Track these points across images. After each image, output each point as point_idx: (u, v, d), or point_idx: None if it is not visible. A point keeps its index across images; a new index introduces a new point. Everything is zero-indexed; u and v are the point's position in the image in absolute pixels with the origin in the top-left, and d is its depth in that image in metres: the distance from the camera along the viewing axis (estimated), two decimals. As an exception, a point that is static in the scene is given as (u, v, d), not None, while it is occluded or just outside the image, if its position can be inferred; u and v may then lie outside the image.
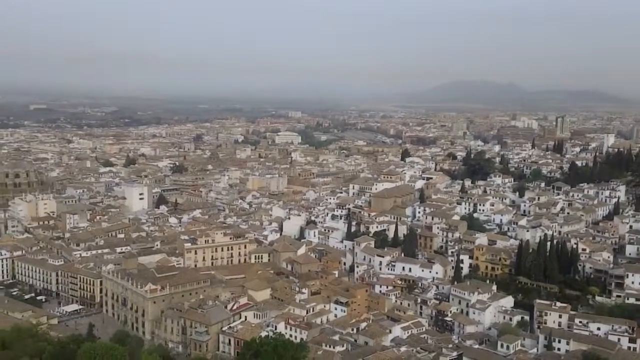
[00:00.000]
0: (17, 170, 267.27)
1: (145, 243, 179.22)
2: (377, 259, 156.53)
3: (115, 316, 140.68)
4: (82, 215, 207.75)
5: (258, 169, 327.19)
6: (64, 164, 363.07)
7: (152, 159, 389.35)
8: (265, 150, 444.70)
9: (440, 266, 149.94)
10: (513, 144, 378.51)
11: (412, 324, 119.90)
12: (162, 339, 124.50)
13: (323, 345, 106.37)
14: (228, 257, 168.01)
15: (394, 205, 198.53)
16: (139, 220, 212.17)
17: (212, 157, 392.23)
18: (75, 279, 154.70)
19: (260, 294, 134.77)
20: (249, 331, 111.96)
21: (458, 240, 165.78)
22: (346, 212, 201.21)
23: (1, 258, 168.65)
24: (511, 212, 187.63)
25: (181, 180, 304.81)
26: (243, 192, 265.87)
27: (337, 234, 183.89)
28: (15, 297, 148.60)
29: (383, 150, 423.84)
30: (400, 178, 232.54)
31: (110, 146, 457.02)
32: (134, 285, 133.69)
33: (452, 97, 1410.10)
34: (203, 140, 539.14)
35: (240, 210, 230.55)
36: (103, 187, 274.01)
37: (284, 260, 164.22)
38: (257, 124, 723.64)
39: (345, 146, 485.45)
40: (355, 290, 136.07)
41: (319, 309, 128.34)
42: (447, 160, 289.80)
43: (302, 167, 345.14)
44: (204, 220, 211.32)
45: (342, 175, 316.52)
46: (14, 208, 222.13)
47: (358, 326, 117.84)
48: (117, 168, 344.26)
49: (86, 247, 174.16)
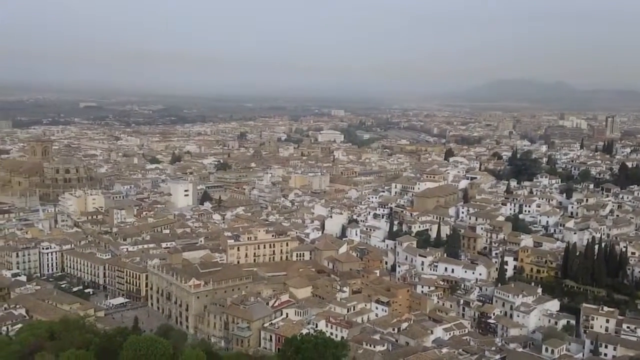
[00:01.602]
0: (68, 166, 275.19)
1: (189, 239, 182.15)
2: (419, 259, 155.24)
3: (160, 310, 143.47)
4: (129, 210, 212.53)
5: (301, 167, 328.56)
6: (112, 160, 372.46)
7: (197, 157, 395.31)
8: (308, 148, 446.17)
9: (484, 267, 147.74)
10: (561, 144, 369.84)
11: (454, 325, 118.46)
12: (205, 333, 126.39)
13: (363, 344, 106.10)
14: (270, 255, 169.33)
15: (436, 205, 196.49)
16: (184, 216, 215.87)
17: (256, 155, 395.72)
18: (121, 272, 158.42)
19: (301, 292, 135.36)
20: (290, 328, 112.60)
21: (502, 242, 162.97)
22: (388, 211, 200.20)
23: (51, 251, 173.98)
24: (558, 214, 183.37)
25: (225, 177, 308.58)
26: (285, 190, 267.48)
27: (378, 233, 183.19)
28: (64, 289, 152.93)
29: (426, 150, 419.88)
30: (443, 177, 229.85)
31: (157, 143, 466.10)
32: (178, 280, 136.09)
33: (498, 96, 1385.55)
34: (247, 138, 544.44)
35: (283, 208, 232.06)
36: (149, 184, 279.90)
37: (326, 259, 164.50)
38: (300, 122, 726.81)
39: (388, 145, 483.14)
40: (396, 290, 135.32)
41: (360, 308, 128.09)
42: (492, 160, 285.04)
43: (344, 165, 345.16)
44: (246, 217, 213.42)
45: (385, 174, 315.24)
46: (64, 203, 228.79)
47: (399, 326, 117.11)
48: (163, 165, 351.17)
49: (133, 242, 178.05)
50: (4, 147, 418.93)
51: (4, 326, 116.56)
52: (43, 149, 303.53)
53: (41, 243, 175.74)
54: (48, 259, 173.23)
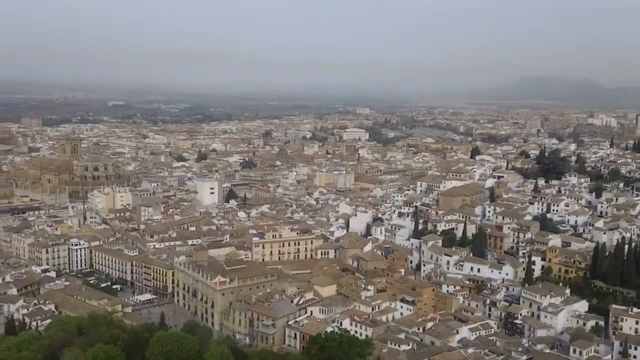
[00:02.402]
0: (96, 164, 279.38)
1: (215, 236, 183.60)
2: (444, 258, 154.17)
3: (186, 306, 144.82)
4: (156, 208, 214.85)
5: (325, 166, 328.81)
6: (140, 158, 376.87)
7: (223, 155, 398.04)
8: (332, 146, 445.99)
9: (511, 267, 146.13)
10: (590, 142, 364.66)
11: (480, 325, 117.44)
12: (230, 330, 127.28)
13: (388, 343, 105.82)
14: (295, 252, 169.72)
15: (462, 203, 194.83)
16: (210, 213, 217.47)
17: (281, 153, 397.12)
18: (148, 269, 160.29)
19: (326, 290, 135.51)
20: (314, 326, 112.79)
21: (530, 241, 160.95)
22: (413, 209, 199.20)
23: (80, 248, 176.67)
24: (587, 213, 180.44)
25: (250, 175, 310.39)
26: (310, 188, 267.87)
27: (403, 232, 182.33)
28: (92, 285, 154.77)
29: (452, 148, 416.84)
30: (469, 176, 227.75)
31: (184, 141, 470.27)
32: (204, 277, 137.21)
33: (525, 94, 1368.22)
34: (272, 136, 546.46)
35: (307, 206, 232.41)
36: (176, 181, 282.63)
37: (350, 257, 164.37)
38: (325, 120, 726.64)
39: (413, 143, 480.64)
40: (421, 289, 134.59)
41: (385, 307, 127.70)
42: (519, 158, 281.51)
43: (369, 164, 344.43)
44: (271, 215, 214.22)
45: (410, 172, 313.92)
46: (93, 200, 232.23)
47: (424, 325, 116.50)
48: (189, 163, 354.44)
49: (159, 239, 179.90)
50: (34, 145, 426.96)
51: (33, 321, 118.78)
52: (72, 147, 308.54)
53: (70, 239, 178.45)
54: (77, 255, 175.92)
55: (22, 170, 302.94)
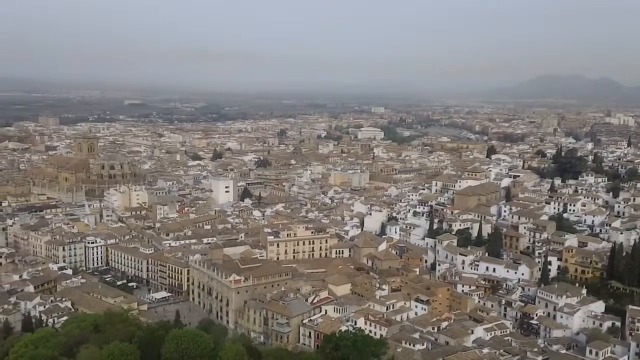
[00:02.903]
0: (112, 162, 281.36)
1: (230, 235, 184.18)
2: (459, 257, 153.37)
3: (201, 304, 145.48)
4: (172, 206, 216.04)
5: (340, 164, 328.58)
6: (156, 157, 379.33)
7: (238, 153, 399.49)
8: (347, 145, 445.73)
9: (527, 267, 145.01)
10: (607, 141, 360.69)
11: (495, 325, 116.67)
12: (245, 328, 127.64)
13: (403, 342, 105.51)
14: (309, 251, 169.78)
15: (478, 203, 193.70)
16: (225, 212, 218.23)
17: (295, 152, 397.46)
18: (164, 267, 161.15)
19: (340, 289, 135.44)
20: (329, 325, 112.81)
21: (546, 241, 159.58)
22: (428, 209, 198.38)
23: (96, 245, 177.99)
24: (604, 213, 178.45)
25: (265, 174, 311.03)
26: (325, 187, 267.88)
27: (418, 231, 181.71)
28: (108, 282, 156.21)
29: (468, 147, 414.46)
30: (485, 175, 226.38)
31: (199, 140, 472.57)
32: (219, 275, 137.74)
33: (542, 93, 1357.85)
34: (287, 135, 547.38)
35: (322, 205, 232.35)
36: (191, 180, 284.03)
37: (365, 256, 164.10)
38: (340, 119, 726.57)
39: (428, 142, 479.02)
40: (436, 289, 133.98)
41: (399, 306, 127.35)
42: (535, 157, 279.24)
43: (384, 163, 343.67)
44: (286, 214, 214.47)
45: (425, 171, 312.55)
46: (109, 198, 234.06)
47: (439, 325, 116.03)
48: (204, 161, 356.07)
49: (175, 237, 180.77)
50: (51, 144, 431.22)
51: (50, 318, 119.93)
52: (89, 146, 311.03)
53: (87, 237, 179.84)
54: (93, 253, 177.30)
55: (39, 168, 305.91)
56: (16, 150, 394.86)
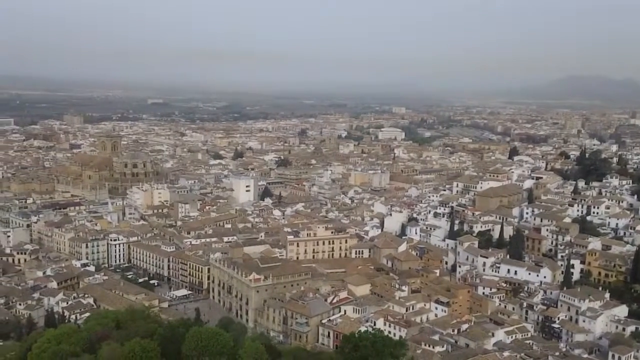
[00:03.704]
0: (135, 161, 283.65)
1: (250, 234, 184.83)
2: (480, 259, 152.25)
3: (221, 303, 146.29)
4: (193, 205, 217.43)
5: (361, 165, 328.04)
6: (178, 155, 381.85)
7: (259, 153, 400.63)
8: (368, 145, 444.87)
9: (549, 270, 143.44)
10: (632, 143, 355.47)
11: (516, 328, 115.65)
12: (264, 327, 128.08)
13: (422, 344, 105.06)
14: (329, 251, 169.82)
15: (499, 204, 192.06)
16: (245, 211, 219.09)
17: (316, 152, 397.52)
18: (185, 265, 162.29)
19: (360, 289, 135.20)
20: (348, 325, 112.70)
21: (569, 244, 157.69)
22: (449, 210, 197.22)
23: (119, 243, 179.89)
24: (628, 216, 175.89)
25: (285, 173, 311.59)
26: (345, 187, 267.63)
27: (439, 232, 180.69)
28: (130, 280, 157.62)
29: (489, 148, 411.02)
30: (507, 177, 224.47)
31: (220, 139, 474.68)
32: (239, 274, 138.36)
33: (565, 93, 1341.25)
34: (307, 135, 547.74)
35: (342, 205, 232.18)
36: (213, 179, 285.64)
37: (385, 257, 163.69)
38: (360, 119, 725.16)
39: (449, 143, 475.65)
40: (456, 291, 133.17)
41: (419, 308, 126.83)
42: (559, 159, 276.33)
43: (405, 163, 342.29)
44: (306, 213, 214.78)
45: (446, 172, 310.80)
46: (132, 196, 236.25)
47: (459, 327, 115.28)
48: (226, 161, 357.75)
49: (196, 236, 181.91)
50: (75, 142, 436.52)
51: (73, 314, 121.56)
52: (112, 144, 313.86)
53: (109, 235, 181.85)
54: (116, 250, 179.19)
55: (63, 166, 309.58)
56: (41, 149, 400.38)
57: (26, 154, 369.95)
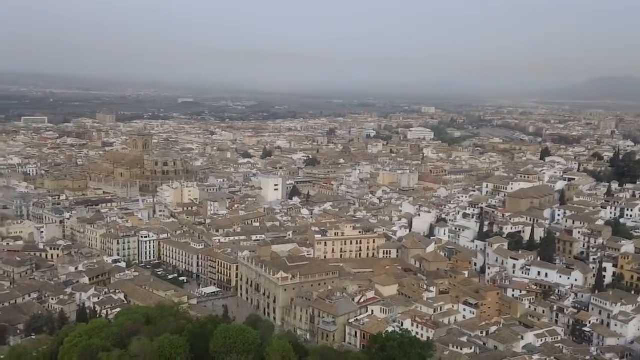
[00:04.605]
0: (166, 159, 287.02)
1: (278, 232, 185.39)
2: (510, 261, 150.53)
3: (249, 300, 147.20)
4: (222, 203, 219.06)
5: (389, 165, 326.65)
6: (207, 154, 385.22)
7: (287, 152, 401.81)
8: (397, 145, 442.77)
9: (580, 273, 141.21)
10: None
11: (546, 331, 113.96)
12: (291, 325, 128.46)
13: (450, 346, 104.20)
14: (357, 251, 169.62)
15: (530, 206, 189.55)
16: (273, 210, 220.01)
17: (344, 151, 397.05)
18: (214, 262, 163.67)
19: (387, 289, 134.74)
20: (375, 325, 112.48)
21: (601, 247, 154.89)
22: (479, 211, 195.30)
23: (149, 240, 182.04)
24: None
25: (314, 173, 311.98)
26: (373, 187, 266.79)
27: (468, 233, 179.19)
28: (160, 276, 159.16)
29: (521, 149, 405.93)
30: (538, 178, 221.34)
31: (249, 138, 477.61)
32: (266, 272, 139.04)
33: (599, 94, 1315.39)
34: (336, 134, 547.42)
35: (370, 204, 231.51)
36: (241, 177, 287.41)
37: (413, 257, 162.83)
38: (389, 119, 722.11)
39: (480, 143, 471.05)
40: (485, 292, 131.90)
41: (447, 309, 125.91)
42: (592, 160, 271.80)
43: (434, 163, 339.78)
44: (334, 213, 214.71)
45: (476, 173, 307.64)
46: (162, 194, 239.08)
47: (487, 329, 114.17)
48: (254, 159, 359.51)
49: (225, 234, 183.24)
50: (107, 140, 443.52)
51: (104, 309, 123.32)
52: (144, 142, 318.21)
53: (140, 232, 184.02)
54: (146, 247, 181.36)
55: (96, 164, 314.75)
56: (74, 146, 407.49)
57: (60, 151, 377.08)
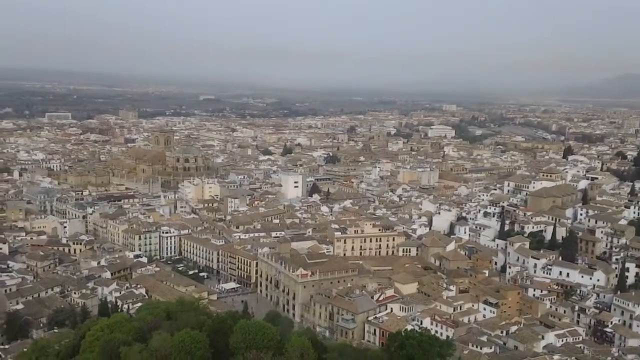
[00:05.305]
0: (187, 156, 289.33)
1: (298, 229, 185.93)
2: (531, 260, 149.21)
3: (268, 297, 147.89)
4: (242, 199, 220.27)
5: (409, 162, 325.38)
6: (228, 151, 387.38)
7: (308, 149, 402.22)
8: (417, 143, 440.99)
9: (603, 273, 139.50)
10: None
11: (567, 332, 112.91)
12: (310, 322, 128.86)
13: (470, 345, 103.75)
14: (376, 248, 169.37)
15: (552, 205, 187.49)
16: (293, 207, 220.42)
17: (365, 149, 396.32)
18: (234, 259, 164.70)
19: (406, 287, 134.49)
20: (394, 323, 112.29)
21: (624, 247, 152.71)
22: (500, 209, 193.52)
23: (170, 235, 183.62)
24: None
25: (334, 170, 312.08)
26: (393, 185, 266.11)
27: (488, 232, 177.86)
28: (180, 272, 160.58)
29: (543, 147, 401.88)
30: (561, 177, 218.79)
31: (270, 135, 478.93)
32: (286, 269, 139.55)
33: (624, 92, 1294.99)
34: (356, 131, 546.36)
35: (390, 202, 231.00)
36: (262, 174, 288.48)
37: (432, 255, 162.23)
38: (410, 117, 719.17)
39: (501, 141, 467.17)
40: (506, 292, 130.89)
41: (467, 308, 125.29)
42: (615, 159, 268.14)
43: (454, 161, 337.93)
44: (354, 210, 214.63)
45: (497, 171, 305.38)
46: (183, 190, 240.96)
47: (508, 329, 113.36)
48: (275, 156, 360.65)
49: (245, 230, 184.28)
50: (130, 137, 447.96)
51: (125, 304, 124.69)
52: (165, 139, 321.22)
53: (161, 227, 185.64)
54: (167, 243, 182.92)
55: (118, 160, 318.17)
56: (97, 142, 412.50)
57: (83, 147, 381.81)
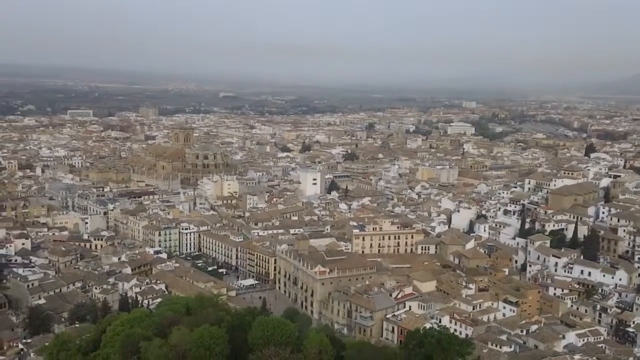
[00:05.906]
0: (206, 152, 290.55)
1: (316, 226, 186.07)
2: (552, 259, 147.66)
3: (287, 294, 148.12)
4: (261, 196, 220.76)
5: (428, 160, 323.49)
6: (247, 148, 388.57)
7: (326, 146, 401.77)
8: (436, 140, 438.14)
9: (625, 272, 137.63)
10: None
11: (588, 331, 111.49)
12: (328, 319, 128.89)
13: (489, 343, 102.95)
14: (395, 246, 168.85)
15: (574, 203, 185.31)
16: (312, 204, 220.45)
17: (383, 146, 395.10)
18: (252, 255, 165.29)
19: (425, 285, 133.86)
20: (412, 321, 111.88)
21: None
22: (520, 207, 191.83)
23: (190, 232, 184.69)
24: None
25: (352, 167, 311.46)
26: (412, 182, 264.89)
27: (509, 230, 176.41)
28: (200, 268, 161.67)
29: (564, 144, 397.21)
30: (582, 175, 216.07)
31: (288, 132, 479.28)
32: (304, 265, 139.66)
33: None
34: (375, 129, 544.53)
35: (409, 200, 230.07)
36: (280, 171, 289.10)
37: (451, 254, 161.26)
38: (429, 114, 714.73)
39: (522, 139, 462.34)
40: (526, 291, 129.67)
41: (486, 306, 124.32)
42: (638, 157, 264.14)
43: (474, 159, 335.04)
44: (372, 207, 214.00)
45: (518, 169, 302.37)
46: (202, 187, 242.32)
47: (528, 328, 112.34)
48: (293, 154, 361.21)
49: (263, 227, 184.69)
50: (150, 134, 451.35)
51: (145, 299, 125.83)
52: (185, 136, 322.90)
53: (181, 224, 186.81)
54: (187, 239, 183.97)
55: (139, 156, 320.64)
56: (118, 139, 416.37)
57: (104, 144, 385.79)
